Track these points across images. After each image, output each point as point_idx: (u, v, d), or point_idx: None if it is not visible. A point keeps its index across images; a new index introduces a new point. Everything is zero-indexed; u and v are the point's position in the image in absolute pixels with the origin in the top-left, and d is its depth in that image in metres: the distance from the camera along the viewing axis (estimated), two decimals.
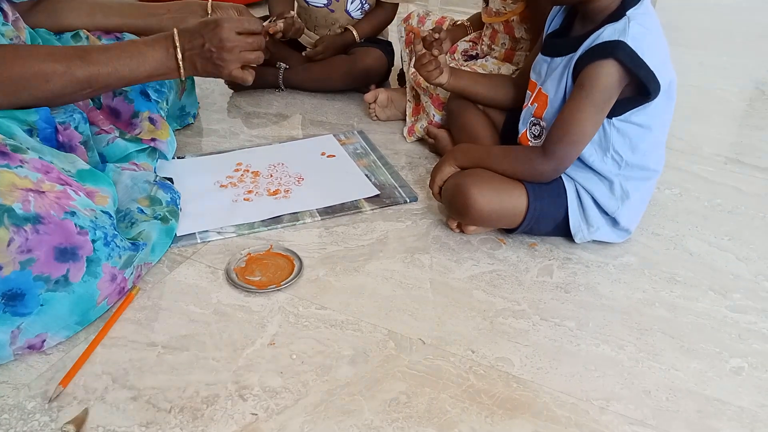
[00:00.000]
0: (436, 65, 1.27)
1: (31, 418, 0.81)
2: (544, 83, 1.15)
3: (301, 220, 1.25)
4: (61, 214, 0.89)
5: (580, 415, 0.85)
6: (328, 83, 1.83)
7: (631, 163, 1.11)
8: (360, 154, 1.51)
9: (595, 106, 1.05)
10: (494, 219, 1.16)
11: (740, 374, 0.93)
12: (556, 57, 1.13)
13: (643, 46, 1.01)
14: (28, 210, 0.85)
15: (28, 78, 0.99)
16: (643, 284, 1.11)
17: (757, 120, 1.86)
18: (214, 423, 0.82)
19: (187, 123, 1.63)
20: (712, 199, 1.40)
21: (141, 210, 1.13)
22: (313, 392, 0.87)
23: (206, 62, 1.12)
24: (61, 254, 0.88)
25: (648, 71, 1.01)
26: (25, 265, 0.84)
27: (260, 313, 1.01)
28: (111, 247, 0.94)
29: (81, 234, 0.90)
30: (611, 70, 1.02)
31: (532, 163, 1.11)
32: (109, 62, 1.05)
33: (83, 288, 0.91)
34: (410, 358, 0.93)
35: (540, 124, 1.16)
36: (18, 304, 0.85)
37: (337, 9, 1.79)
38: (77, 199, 0.93)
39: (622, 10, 1.03)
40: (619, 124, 1.09)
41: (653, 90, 1.04)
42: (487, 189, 1.12)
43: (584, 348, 0.97)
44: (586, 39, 1.05)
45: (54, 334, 0.91)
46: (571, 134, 1.06)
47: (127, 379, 0.88)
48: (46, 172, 0.92)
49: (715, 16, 3.06)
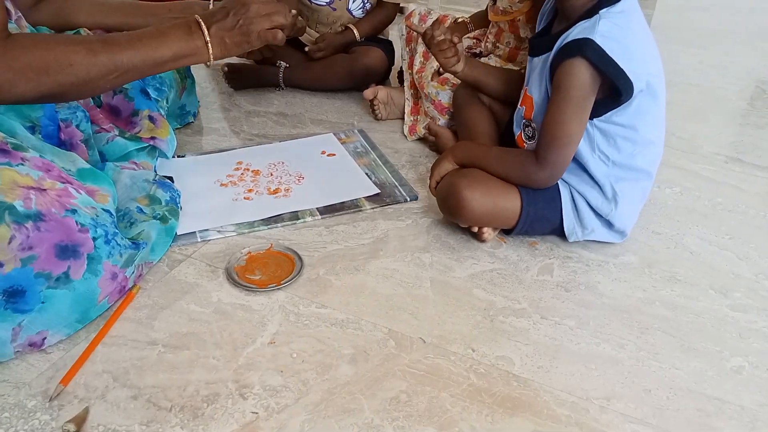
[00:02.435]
0: (454, 52, 1.27)
1: (32, 417, 0.81)
2: (528, 84, 1.15)
3: (301, 218, 1.25)
4: (62, 212, 0.89)
5: (581, 414, 0.85)
6: (328, 82, 1.83)
7: (618, 163, 1.11)
8: (360, 152, 1.51)
9: (575, 106, 1.03)
10: (486, 220, 1.16)
11: (741, 373, 0.93)
12: (535, 57, 1.13)
13: (612, 44, 0.99)
14: (29, 207, 0.85)
15: (50, 64, 0.93)
16: (643, 283, 1.11)
17: (757, 119, 1.86)
18: (214, 422, 0.82)
19: (188, 122, 1.63)
20: (712, 198, 1.40)
21: (140, 209, 1.13)
22: (313, 391, 0.87)
23: (234, 34, 1.06)
24: (62, 251, 0.88)
25: (617, 69, 1.00)
26: (26, 262, 0.84)
27: (260, 311, 1.01)
28: (112, 245, 0.94)
29: (82, 231, 0.90)
30: (581, 68, 1.01)
31: (527, 173, 1.11)
32: (130, 44, 1.01)
33: (84, 285, 0.91)
34: (410, 356, 0.93)
35: (531, 125, 1.16)
36: (19, 301, 0.85)
37: (339, 7, 1.79)
38: (78, 197, 0.93)
39: (596, 8, 1.02)
40: (601, 125, 1.08)
41: (624, 89, 1.02)
42: (480, 190, 1.12)
43: (584, 347, 0.97)
44: (560, 37, 1.05)
45: (55, 332, 0.91)
46: (558, 138, 1.06)
47: (128, 378, 0.88)
48: (47, 170, 0.92)
49: (715, 15, 3.05)
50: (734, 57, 2.41)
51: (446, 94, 1.49)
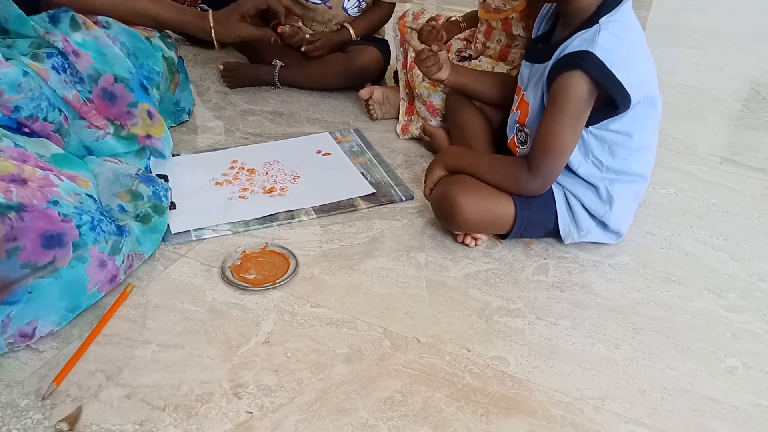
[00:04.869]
0: (434, 61, 1.26)
1: (25, 416, 0.81)
2: (526, 89, 1.15)
3: (296, 218, 1.25)
4: (44, 204, 0.89)
5: (575, 414, 0.85)
6: (324, 81, 1.82)
7: (612, 168, 1.11)
8: (356, 152, 1.51)
9: (571, 118, 1.03)
10: (481, 227, 1.16)
11: (735, 374, 0.93)
12: (535, 63, 1.12)
13: (612, 57, 0.99)
14: (10, 199, 0.85)
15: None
16: (638, 283, 1.11)
17: (752, 120, 1.87)
18: (208, 421, 0.82)
19: (182, 120, 1.63)
20: (707, 199, 1.40)
21: (122, 208, 1.12)
22: (308, 390, 0.87)
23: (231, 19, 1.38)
24: (47, 241, 0.88)
25: (616, 83, 0.99)
26: (12, 253, 0.84)
27: (255, 311, 1.01)
28: (97, 231, 0.94)
29: (65, 221, 0.90)
30: (580, 82, 1.00)
31: (518, 182, 1.11)
32: None
33: (71, 273, 0.91)
34: (405, 356, 0.93)
35: (524, 130, 1.15)
36: (6, 293, 0.85)
37: (335, 5, 1.79)
38: (61, 184, 0.93)
39: (596, 16, 1.02)
40: (597, 132, 1.08)
41: (621, 103, 1.02)
42: (473, 198, 1.12)
43: (579, 347, 0.97)
44: (559, 47, 1.04)
45: (45, 321, 0.91)
46: (552, 149, 1.06)
47: (121, 377, 0.87)
48: (23, 160, 0.93)
49: (710, 16, 3.06)
50: (729, 58, 2.41)
51: (438, 95, 1.49)
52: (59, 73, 1.16)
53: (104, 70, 1.24)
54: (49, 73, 1.13)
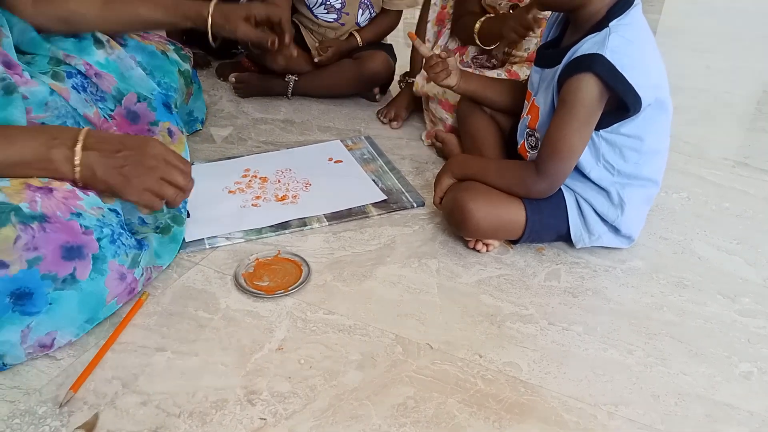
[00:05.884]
0: (443, 67, 1.28)
1: (42, 423, 0.82)
2: (536, 94, 1.15)
3: (308, 225, 1.25)
4: (67, 215, 0.90)
5: (589, 420, 0.85)
6: (336, 88, 1.84)
7: (623, 172, 1.11)
8: (367, 159, 1.52)
9: (580, 122, 1.03)
10: (492, 233, 1.16)
11: (750, 379, 0.93)
12: (545, 68, 1.13)
13: (623, 60, 0.99)
14: (34, 209, 0.87)
15: None
16: (651, 288, 1.11)
17: (764, 123, 1.86)
18: (222, 428, 0.82)
19: (195, 129, 1.64)
20: (720, 203, 1.39)
21: (142, 221, 1.13)
22: (321, 397, 0.87)
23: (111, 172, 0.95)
24: (67, 252, 0.89)
25: (627, 86, 0.99)
26: (32, 263, 0.85)
27: (268, 318, 1.02)
28: (117, 244, 0.95)
29: (86, 234, 0.91)
30: (590, 85, 1.00)
31: (526, 184, 1.11)
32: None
33: (91, 286, 0.92)
34: (418, 362, 0.94)
35: (535, 135, 1.16)
36: (27, 303, 0.86)
37: (348, 22, 1.80)
38: (85, 198, 0.94)
39: (606, 20, 1.02)
40: (608, 136, 1.08)
41: (632, 105, 1.02)
42: (484, 204, 1.12)
43: (592, 352, 0.97)
44: (569, 50, 1.05)
45: (64, 333, 0.92)
46: (559, 151, 1.06)
47: (137, 384, 0.88)
48: None
49: (721, 19, 3.05)
50: (741, 61, 2.40)
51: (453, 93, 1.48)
52: (79, 93, 1.17)
53: (127, 89, 1.25)
54: (70, 92, 1.14)
